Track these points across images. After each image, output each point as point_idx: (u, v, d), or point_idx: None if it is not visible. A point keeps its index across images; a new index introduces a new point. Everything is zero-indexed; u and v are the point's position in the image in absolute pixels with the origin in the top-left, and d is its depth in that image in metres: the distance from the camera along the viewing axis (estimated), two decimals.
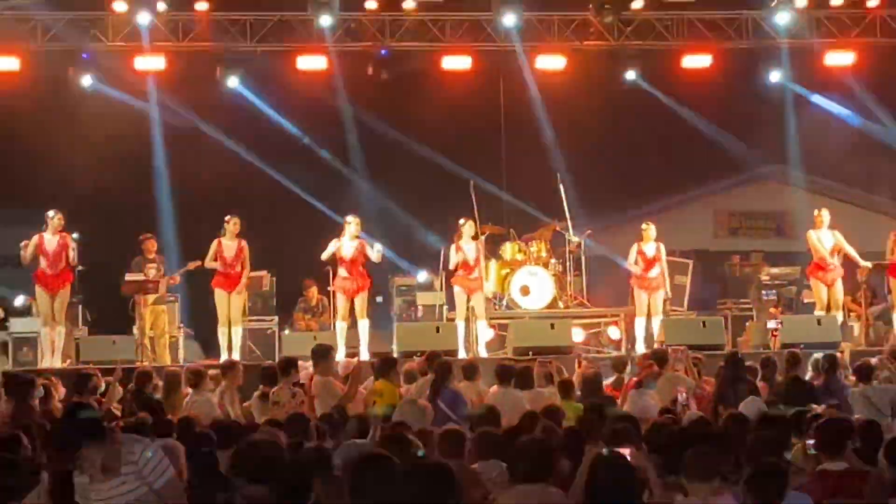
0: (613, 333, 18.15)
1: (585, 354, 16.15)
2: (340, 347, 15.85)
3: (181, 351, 17.41)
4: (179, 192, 20.12)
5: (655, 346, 15.82)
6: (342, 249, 16.43)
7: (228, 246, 16.43)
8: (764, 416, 8.79)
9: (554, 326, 16.64)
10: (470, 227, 17.00)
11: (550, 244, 18.87)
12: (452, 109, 20.15)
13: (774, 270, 19.32)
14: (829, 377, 12.51)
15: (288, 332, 17.72)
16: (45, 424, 9.36)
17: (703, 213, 24.46)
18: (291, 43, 19.09)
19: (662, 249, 17.34)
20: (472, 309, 16.81)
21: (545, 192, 19.37)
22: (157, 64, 18.90)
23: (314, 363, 12.37)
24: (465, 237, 16.90)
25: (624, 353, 16.54)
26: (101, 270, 17.32)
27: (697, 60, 19.71)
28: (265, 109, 20.37)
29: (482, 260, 17.16)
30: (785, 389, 12.08)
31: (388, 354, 14.49)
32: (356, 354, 15.91)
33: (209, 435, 8.26)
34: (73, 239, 16.25)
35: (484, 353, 16.55)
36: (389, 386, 11.53)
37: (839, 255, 17.01)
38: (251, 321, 17.68)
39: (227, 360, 14.82)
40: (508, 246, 18.75)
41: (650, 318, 17.06)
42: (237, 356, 15.75)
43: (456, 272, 16.88)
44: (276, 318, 18.17)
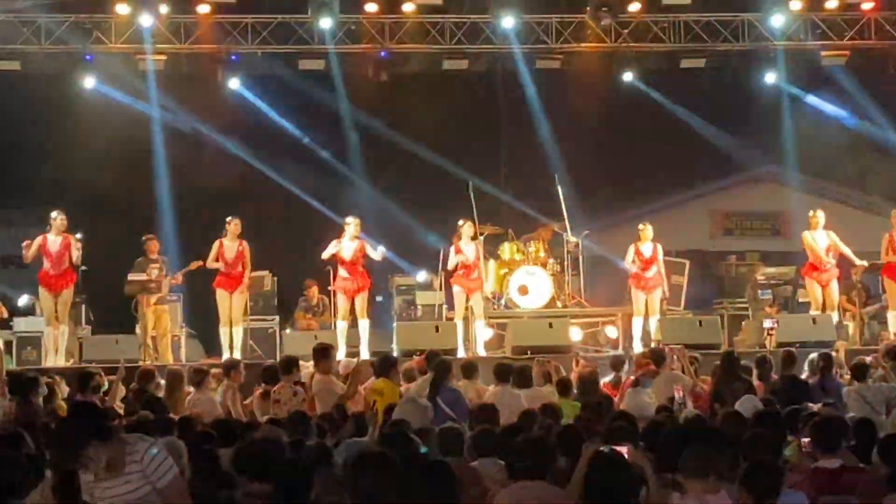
0: (611, 332, 18.14)
1: (583, 353, 16.07)
2: (341, 347, 15.82)
3: (183, 350, 17.37)
4: (181, 193, 20.12)
5: (652, 345, 15.78)
6: (342, 250, 16.43)
7: (229, 247, 16.42)
8: (760, 414, 8.73)
9: (552, 326, 16.60)
10: (469, 227, 16.97)
11: (549, 244, 18.86)
12: (451, 111, 20.29)
13: (770, 270, 19.30)
14: (824, 376, 12.48)
15: (289, 331, 17.66)
16: (48, 423, 9.31)
17: (699, 213, 24.43)
18: (292, 45, 19.11)
19: (660, 249, 17.29)
20: (470, 308, 16.79)
21: (543, 192, 19.37)
22: (158, 66, 18.92)
23: (315, 362, 12.41)
24: (464, 238, 16.88)
25: (622, 351, 16.48)
26: (103, 270, 17.29)
27: (694, 62, 19.74)
28: (266, 111, 20.44)
29: (482, 260, 17.18)
30: (781, 388, 12.04)
31: (388, 354, 14.41)
32: (357, 354, 15.84)
33: (210, 433, 8.28)
34: (76, 239, 16.24)
35: (482, 352, 16.52)
36: (390, 385, 11.51)
37: (834, 254, 17.02)
38: (252, 321, 17.62)
39: (228, 359, 14.73)
40: (507, 246, 18.70)
41: (647, 317, 17.04)
42: (238, 355, 15.69)
43: (455, 272, 16.88)
44: (277, 317, 18.11)
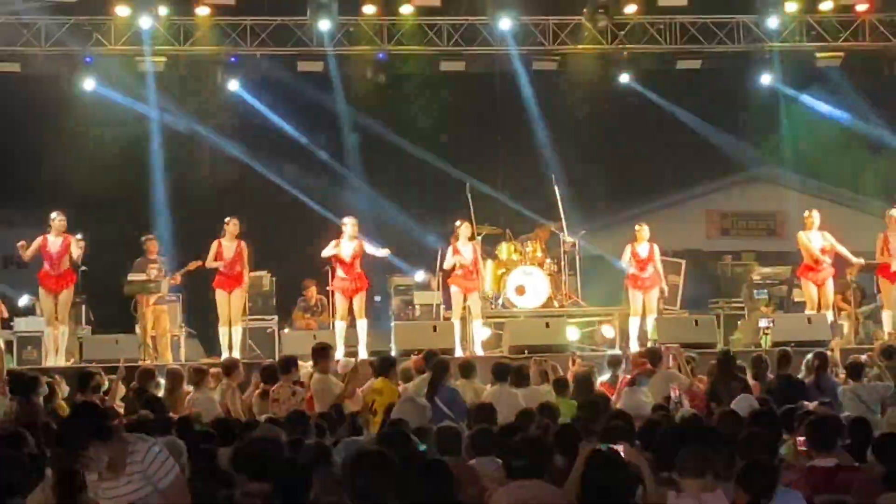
0: (607, 332, 18.12)
1: (580, 353, 16.05)
2: (339, 347, 15.83)
3: (183, 350, 17.39)
4: (180, 194, 20.14)
5: (649, 344, 15.77)
6: (341, 250, 16.48)
7: (228, 247, 16.46)
8: (755, 413, 8.71)
9: (549, 325, 16.68)
10: (466, 228, 17.00)
11: (546, 245, 18.84)
12: (449, 112, 20.39)
13: (766, 270, 19.34)
14: (819, 375, 12.49)
15: (287, 331, 17.64)
16: (49, 422, 9.36)
17: (695, 213, 24.46)
18: (291, 47, 19.15)
19: (656, 249, 17.32)
20: (468, 308, 16.81)
21: (540, 193, 19.41)
22: (158, 67, 18.98)
23: (314, 361, 12.44)
24: (461, 238, 16.91)
25: (618, 351, 16.38)
26: (103, 271, 17.33)
27: (690, 64, 19.81)
28: (265, 112, 20.47)
29: (480, 260, 17.20)
30: (776, 387, 12.03)
31: (387, 354, 14.51)
32: (355, 353, 15.89)
33: (209, 432, 8.29)
34: (77, 239, 16.28)
35: (480, 351, 16.53)
36: (389, 384, 11.55)
37: (830, 254, 17.05)
38: (251, 320, 17.60)
39: (227, 358, 14.73)
40: (504, 246, 18.65)
41: (644, 317, 17.08)
42: (238, 355, 15.73)
43: (453, 272, 16.94)
44: (275, 317, 18.13)
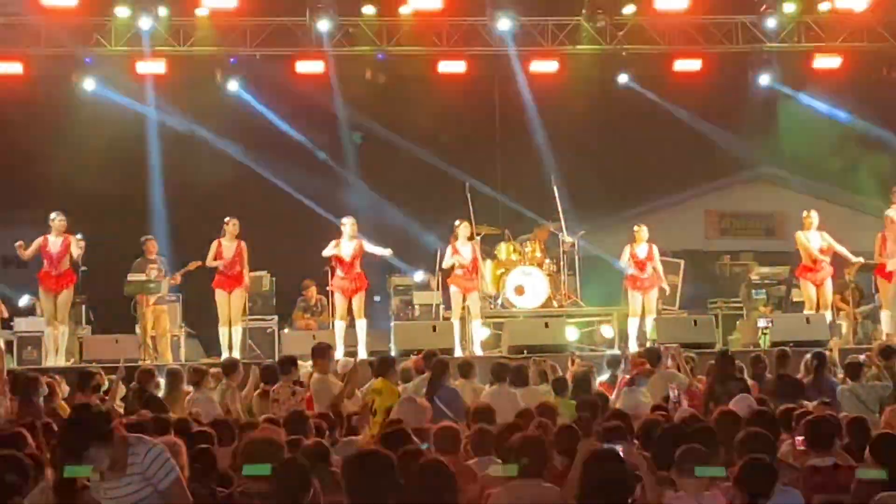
0: (606, 332, 18.19)
1: (579, 353, 16.08)
2: (339, 346, 15.90)
3: (182, 350, 17.47)
4: (179, 194, 20.13)
5: (648, 344, 15.85)
6: (342, 250, 16.57)
7: (228, 247, 16.52)
8: (754, 412, 8.62)
9: (548, 325, 16.74)
10: (465, 227, 17.06)
11: (545, 245, 18.87)
12: (448, 112, 20.32)
13: (764, 270, 19.40)
14: (818, 374, 12.55)
15: (287, 331, 17.73)
16: (49, 422, 9.38)
17: (694, 213, 24.43)
18: (290, 47, 19.21)
19: (655, 250, 17.39)
20: (467, 308, 16.86)
21: (539, 193, 19.43)
22: (158, 68, 19.05)
23: (314, 361, 12.46)
24: (460, 238, 16.97)
25: (618, 351, 16.40)
26: (103, 271, 17.38)
27: (688, 64, 19.85)
28: (264, 113, 20.49)
29: (480, 260, 17.26)
30: (775, 386, 12.08)
31: (387, 354, 14.54)
32: (354, 353, 15.94)
33: (208, 432, 8.28)
34: (77, 239, 16.33)
35: (479, 351, 16.59)
36: (389, 384, 11.51)
37: (828, 254, 17.09)
38: (251, 321, 17.67)
39: (227, 358, 14.79)
40: (503, 246, 18.72)
41: (643, 317, 17.13)
42: (237, 355, 15.78)
43: (452, 272, 17.00)
44: (275, 317, 18.18)
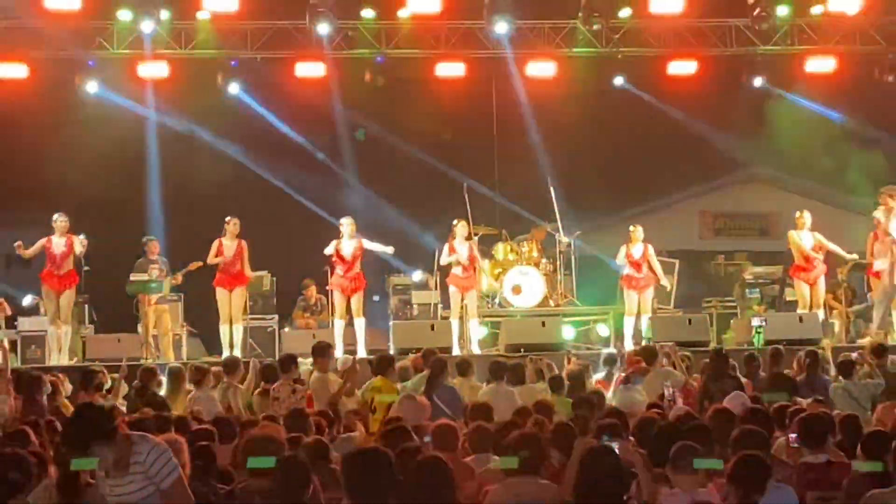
0: (602, 331, 18.32)
1: (575, 351, 16.09)
2: (338, 345, 15.99)
3: (184, 348, 17.56)
4: (181, 195, 20.21)
5: (643, 343, 15.95)
6: (342, 249, 16.70)
7: (228, 246, 16.63)
8: (748, 410, 8.75)
9: (545, 324, 16.80)
10: (463, 227, 17.13)
11: (542, 245, 18.94)
12: (446, 114, 20.37)
13: (758, 269, 19.54)
14: (810, 373, 12.66)
15: (288, 330, 17.83)
16: (52, 420, 9.50)
17: (688, 214, 24.56)
18: (290, 50, 19.27)
19: (651, 250, 17.52)
20: (465, 307, 16.95)
21: (536, 194, 19.52)
22: (159, 71, 19.12)
23: (314, 360, 12.56)
24: (458, 237, 17.05)
25: (614, 349, 16.50)
26: (106, 271, 17.48)
27: (683, 66, 19.92)
28: (265, 115, 20.58)
29: (477, 259, 17.35)
30: (768, 384, 12.18)
31: (386, 352, 14.67)
32: (354, 352, 16.03)
33: (210, 430, 8.37)
34: (80, 239, 16.40)
35: (477, 350, 16.68)
36: (388, 382, 11.67)
37: (822, 252, 17.22)
38: (252, 320, 17.74)
39: (228, 357, 14.84)
40: (501, 246, 18.80)
41: (639, 316, 17.24)
42: (238, 353, 15.84)
43: (451, 272, 17.12)
44: (276, 316, 18.25)
